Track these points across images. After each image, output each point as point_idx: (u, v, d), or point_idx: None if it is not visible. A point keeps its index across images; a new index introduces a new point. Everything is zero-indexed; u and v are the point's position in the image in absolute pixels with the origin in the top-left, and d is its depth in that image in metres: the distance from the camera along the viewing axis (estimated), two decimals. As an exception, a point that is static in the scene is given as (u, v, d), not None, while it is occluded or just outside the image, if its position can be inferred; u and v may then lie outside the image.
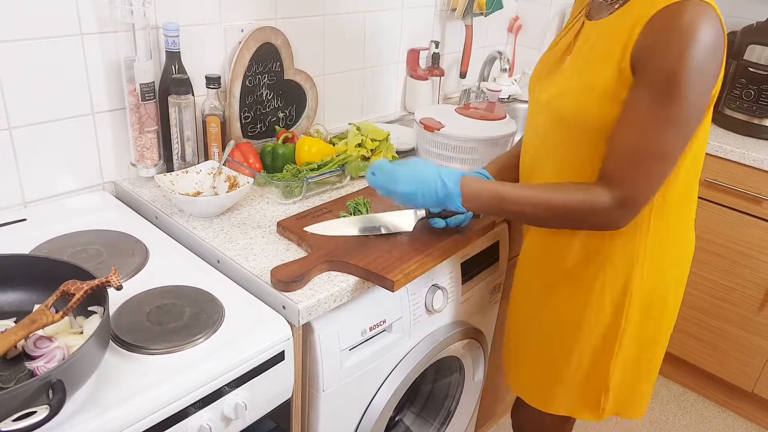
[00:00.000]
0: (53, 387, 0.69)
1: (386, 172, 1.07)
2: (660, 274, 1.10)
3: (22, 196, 1.24)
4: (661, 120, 0.92)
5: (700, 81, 0.90)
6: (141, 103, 1.28)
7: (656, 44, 0.91)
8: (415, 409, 1.61)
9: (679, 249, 1.13)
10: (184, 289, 1.03)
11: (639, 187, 0.97)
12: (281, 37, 1.50)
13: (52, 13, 1.17)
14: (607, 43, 0.98)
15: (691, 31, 0.88)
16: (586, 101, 1.00)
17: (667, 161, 0.96)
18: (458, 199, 1.04)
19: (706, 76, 0.91)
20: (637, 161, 0.96)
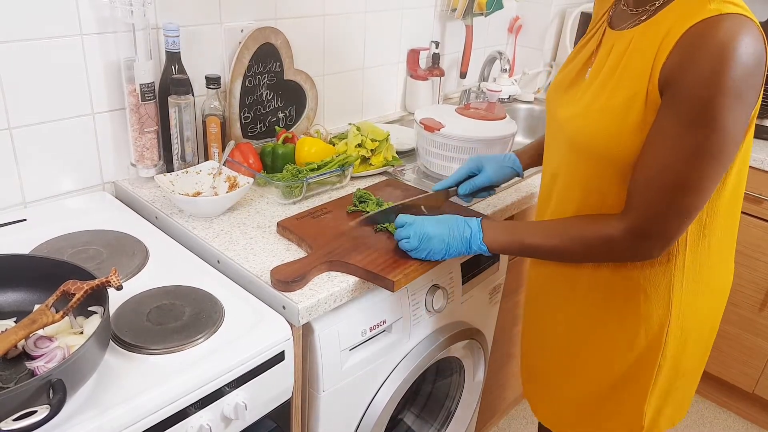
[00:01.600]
0: (53, 386, 0.69)
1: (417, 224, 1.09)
2: (699, 306, 1.02)
3: (22, 197, 1.24)
4: (692, 148, 0.84)
5: (738, 106, 0.81)
6: (141, 104, 1.28)
7: (688, 64, 0.81)
8: (416, 409, 1.61)
9: (719, 277, 1.04)
10: (184, 289, 1.03)
11: (658, 219, 0.90)
12: (281, 37, 1.50)
13: (52, 13, 1.17)
14: (632, 60, 0.89)
15: (727, 50, 0.79)
16: (607, 125, 0.92)
17: (697, 193, 0.87)
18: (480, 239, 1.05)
19: (744, 99, 0.81)
20: (662, 192, 0.88)
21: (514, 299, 1.69)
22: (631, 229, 0.92)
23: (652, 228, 0.91)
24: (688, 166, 0.85)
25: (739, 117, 0.82)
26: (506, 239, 1.05)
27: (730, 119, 0.81)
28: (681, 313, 1.01)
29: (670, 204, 0.88)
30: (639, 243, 0.93)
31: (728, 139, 0.83)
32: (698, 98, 0.81)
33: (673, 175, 0.86)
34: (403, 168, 1.56)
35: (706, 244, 0.98)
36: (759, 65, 0.80)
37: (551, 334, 1.17)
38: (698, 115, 0.82)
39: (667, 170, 0.86)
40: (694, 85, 0.81)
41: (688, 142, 0.84)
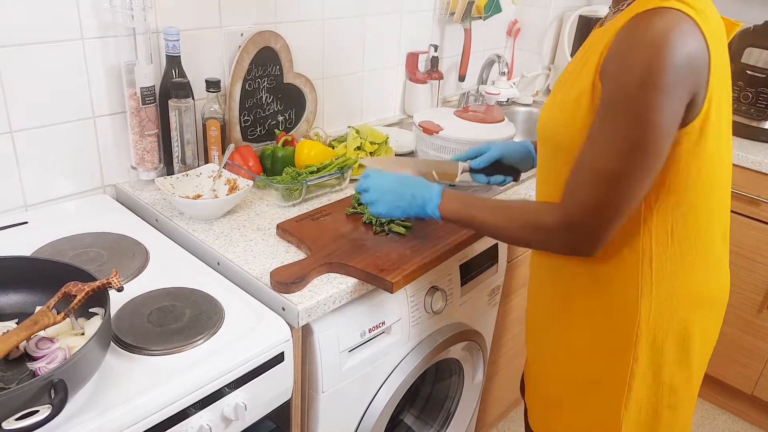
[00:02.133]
0: (55, 387, 0.70)
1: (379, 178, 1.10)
2: (677, 313, 0.98)
3: (23, 200, 1.25)
4: (616, 141, 0.84)
5: (665, 101, 0.80)
6: (141, 107, 1.29)
7: (619, 56, 0.82)
8: (415, 410, 1.61)
9: (704, 288, 0.99)
10: (185, 291, 1.04)
11: (586, 211, 0.89)
12: (281, 41, 1.51)
13: (53, 17, 1.18)
14: (590, 54, 0.90)
15: (657, 44, 0.79)
16: (563, 117, 0.93)
17: (623, 186, 0.86)
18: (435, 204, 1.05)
19: (671, 95, 0.80)
20: (585, 182, 0.88)
21: (513, 301, 1.70)
22: (562, 219, 0.91)
23: (580, 220, 0.90)
24: (613, 159, 0.85)
25: (667, 112, 0.82)
26: (457, 209, 1.04)
27: (656, 114, 0.81)
28: (653, 319, 0.98)
29: (597, 196, 0.88)
30: (570, 235, 0.92)
31: (654, 134, 0.83)
32: (624, 91, 0.82)
33: (600, 167, 0.86)
34: (402, 170, 1.56)
35: (676, 251, 0.95)
36: (690, 61, 0.80)
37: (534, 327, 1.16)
38: (624, 108, 0.82)
39: (594, 162, 0.87)
40: (621, 77, 0.82)
41: (614, 135, 0.84)
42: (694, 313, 1.00)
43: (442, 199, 1.05)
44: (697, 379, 1.07)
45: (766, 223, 1.91)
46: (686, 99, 0.83)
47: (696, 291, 0.99)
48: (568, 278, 1.04)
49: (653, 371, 1.00)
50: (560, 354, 1.09)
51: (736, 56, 2.04)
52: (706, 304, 1.01)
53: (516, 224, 0.98)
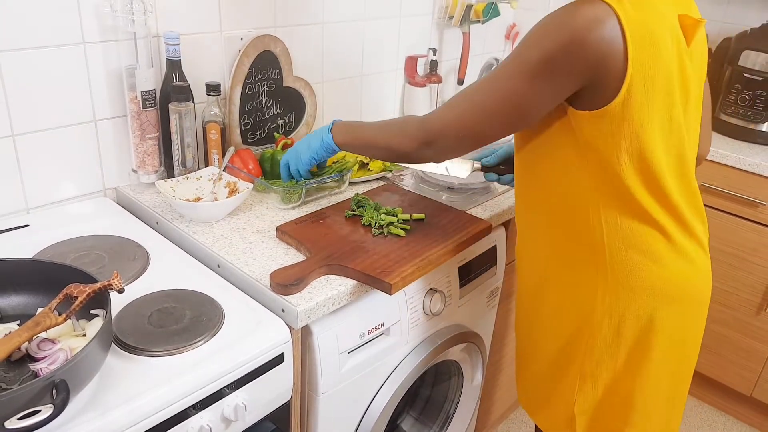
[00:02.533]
0: (57, 387, 0.71)
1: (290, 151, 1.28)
2: (633, 300, 1.02)
3: (25, 203, 1.26)
4: (491, 85, 0.95)
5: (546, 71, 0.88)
6: (142, 111, 1.30)
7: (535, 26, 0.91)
8: (415, 412, 1.62)
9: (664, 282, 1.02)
10: (185, 293, 1.04)
11: (439, 127, 1.00)
12: (280, 45, 1.52)
13: (55, 22, 1.19)
14: None
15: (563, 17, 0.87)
16: None
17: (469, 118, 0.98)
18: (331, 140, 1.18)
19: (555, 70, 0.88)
20: (456, 105, 1.00)
21: (512, 303, 1.71)
22: (422, 123, 1.03)
23: (433, 129, 1.01)
24: (477, 93, 0.97)
25: (543, 84, 0.90)
26: (349, 139, 1.17)
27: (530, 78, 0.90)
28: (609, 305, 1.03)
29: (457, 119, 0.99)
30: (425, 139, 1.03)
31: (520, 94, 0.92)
32: (519, 46, 0.92)
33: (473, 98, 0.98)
34: (401, 173, 1.57)
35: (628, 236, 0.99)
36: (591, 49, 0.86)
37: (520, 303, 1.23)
38: (511, 58, 0.93)
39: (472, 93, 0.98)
40: (523, 40, 0.92)
41: (493, 81, 0.95)
42: (656, 303, 1.03)
43: (334, 135, 1.18)
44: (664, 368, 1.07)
45: (763, 225, 1.92)
46: (576, 83, 0.89)
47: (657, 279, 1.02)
48: (544, 261, 1.11)
49: (610, 353, 1.06)
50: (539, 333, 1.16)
51: (734, 59, 2.05)
52: (671, 297, 1.04)
53: (386, 133, 1.09)
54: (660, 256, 1.01)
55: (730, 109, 2.07)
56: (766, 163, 1.86)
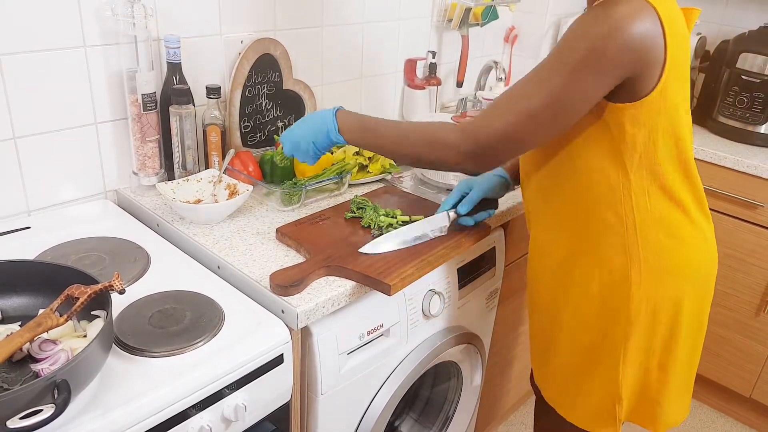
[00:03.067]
0: (58, 387, 0.71)
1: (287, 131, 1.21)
2: (665, 283, 1.07)
3: (26, 205, 1.27)
4: (537, 85, 0.94)
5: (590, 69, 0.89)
6: (143, 113, 1.30)
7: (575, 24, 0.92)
8: (414, 414, 1.62)
9: (689, 262, 1.09)
10: (185, 294, 1.05)
11: (494, 137, 0.98)
12: (280, 48, 1.53)
13: (56, 25, 1.20)
14: None
15: (609, 22, 0.88)
16: None
17: (530, 125, 0.95)
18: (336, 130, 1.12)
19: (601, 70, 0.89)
20: (503, 111, 0.97)
21: (511, 304, 1.71)
22: (468, 139, 0.99)
23: (486, 143, 0.98)
24: (533, 101, 0.94)
25: (590, 81, 0.91)
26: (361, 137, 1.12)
27: (576, 75, 0.90)
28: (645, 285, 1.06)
29: (507, 126, 0.96)
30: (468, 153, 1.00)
31: (567, 92, 0.92)
32: (562, 44, 0.92)
33: (519, 103, 0.95)
34: (400, 175, 1.58)
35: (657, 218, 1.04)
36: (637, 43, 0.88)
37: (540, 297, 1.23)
38: (554, 57, 0.93)
39: (516, 97, 0.96)
40: (566, 38, 0.92)
41: (540, 82, 0.94)
42: (688, 286, 1.09)
43: (339, 125, 1.12)
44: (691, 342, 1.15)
45: (762, 227, 1.93)
46: (621, 75, 0.91)
47: (684, 260, 1.08)
48: (565, 250, 1.12)
49: (647, 337, 1.10)
50: (565, 323, 1.16)
51: (731, 61, 2.06)
52: (694, 275, 1.10)
53: (416, 140, 1.05)
54: (685, 237, 1.07)
55: (729, 111, 2.08)
56: (764, 165, 1.87)
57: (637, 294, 1.07)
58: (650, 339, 1.11)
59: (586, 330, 1.14)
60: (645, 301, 1.07)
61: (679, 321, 1.11)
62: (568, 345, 1.18)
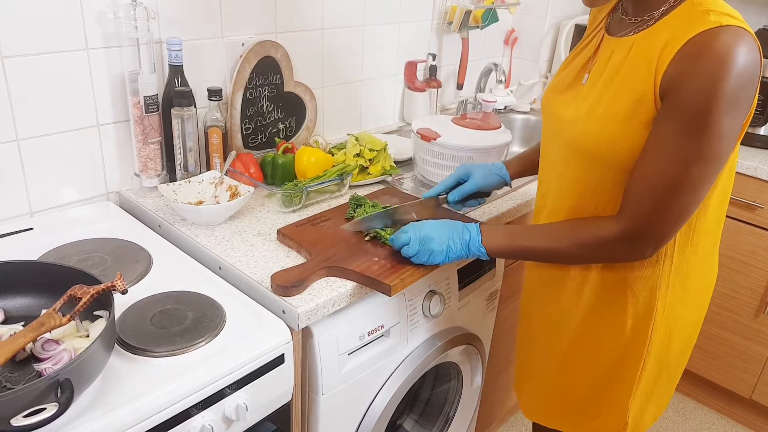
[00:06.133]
0: (62, 385, 0.72)
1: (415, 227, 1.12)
2: (684, 302, 1.06)
3: (28, 206, 1.28)
4: (688, 153, 0.88)
5: (733, 114, 0.85)
6: (145, 115, 1.31)
7: (689, 73, 0.85)
8: (415, 415, 1.63)
9: (705, 275, 1.09)
10: (187, 295, 1.06)
11: (651, 220, 0.93)
12: (281, 50, 1.54)
13: (59, 28, 1.21)
14: (634, 66, 0.93)
15: (726, 61, 0.83)
16: (611, 129, 0.95)
17: (690, 195, 0.91)
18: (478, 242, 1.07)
19: (739, 107, 0.85)
20: (657, 194, 0.91)
21: (511, 306, 1.72)
22: (626, 230, 0.95)
23: (645, 229, 0.94)
24: (683, 170, 0.89)
25: (734, 124, 0.87)
26: (504, 243, 1.08)
27: (725, 126, 0.86)
28: (666, 312, 1.05)
29: (665, 206, 0.92)
30: (632, 244, 0.96)
31: (722, 145, 0.88)
32: (696, 106, 0.85)
33: (669, 178, 0.90)
34: (400, 177, 1.59)
35: (693, 246, 1.02)
36: (753, 75, 0.85)
37: (542, 330, 1.20)
38: (696, 121, 0.86)
39: (663, 174, 0.90)
40: (693, 93, 0.85)
41: (684, 147, 0.88)
42: (697, 301, 1.09)
43: (482, 236, 1.08)
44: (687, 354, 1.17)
45: (762, 228, 1.93)
46: (747, 111, 0.88)
47: (700, 282, 1.08)
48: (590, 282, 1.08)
49: (658, 359, 1.08)
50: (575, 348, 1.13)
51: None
52: (705, 291, 1.11)
53: (573, 245, 1.01)
54: (711, 255, 1.08)
55: (728, 113, 2.08)
56: (763, 167, 1.88)
57: (661, 314, 1.04)
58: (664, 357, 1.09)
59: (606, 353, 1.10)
60: (666, 321, 1.05)
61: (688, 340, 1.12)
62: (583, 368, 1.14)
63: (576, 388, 1.16)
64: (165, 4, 1.34)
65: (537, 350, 1.23)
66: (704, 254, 1.05)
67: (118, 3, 1.25)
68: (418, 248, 1.10)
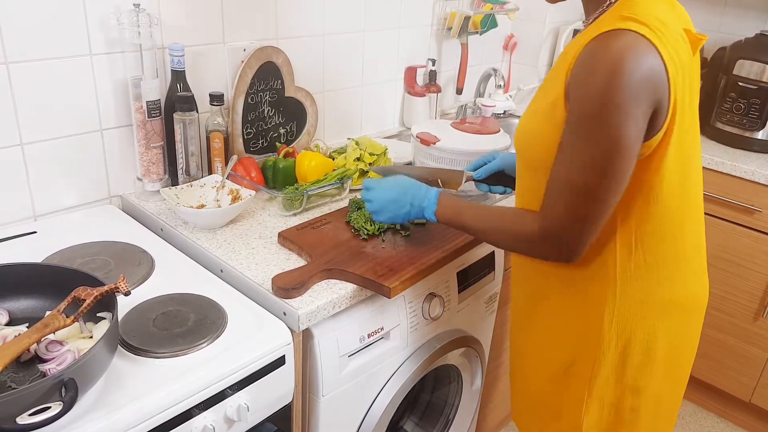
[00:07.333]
0: (66, 385, 0.73)
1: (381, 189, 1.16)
2: (643, 320, 1.01)
3: (32, 210, 1.29)
4: (583, 158, 0.87)
5: (627, 121, 0.84)
6: (147, 120, 1.33)
7: (581, 78, 0.86)
8: (415, 417, 1.63)
9: (675, 298, 1.03)
10: (189, 297, 1.07)
11: (563, 222, 0.93)
12: (282, 56, 1.55)
13: (63, 34, 1.22)
14: (558, 68, 0.94)
15: (614, 65, 0.82)
16: (534, 127, 0.97)
17: (592, 200, 0.90)
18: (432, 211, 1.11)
19: (632, 114, 0.84)
20: (561, 195, 0.92)
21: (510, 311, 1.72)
22: (541, 228, 0.95)
23: (558, 230, 0.94)
24: (581, 176, 0.89)
25: (628, 129, 0.84)
26: (451, 216, 1.10)
27: (617, 133, 0.84)
28: (617, 324, 1.01)
29: (572, 210, 0.91)
30: (549, 244, 0.96)
31: (618, 153, 0.86)
32: (585, 111, 0.86)
33: (572, 182, 0.90)
34: (400, 181, 1.60)
35: (640, 258, 0.98)
36: (648, 81, 0.83)
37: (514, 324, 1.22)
38: (585, 128, 0.86)
39: (566, 178, 0.90)
40: (583, 99, 0.86)
41: (579, 153, 0.88)
42: (661, 321, 1.03)
43: (438, 205, 1.11)
44: (667, 381, 1.09)
45: (759, 232, 1.94)
46: (648, 114, 0.86)
47: (664, 300, 1.02)
48: (542, 278, 1.09)
49: (616, 372, 1.04)
50: (536, 348, 1.15)
51: (728, 68, 2.08)
52: (675, 312, 1.04)
53: (504, 235, 1.03)
54: (670, 279, 1.02)
55: (726, 117, 2.10)
56: (761, 171, 1.89)
57: (609, 327, 1.02)
58: (621, 378, 1.05)
59: (557, 359, 1.10)
60: (616, 336, 1.02)
61: (654, 359, 1.04)
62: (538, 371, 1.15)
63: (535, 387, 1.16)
64: (168, 11, 1.36)
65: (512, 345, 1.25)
66: (662, 272, 1.00)
67: (122, 9, 1.27)
68: (378, 208, 1.16)
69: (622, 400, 1.07)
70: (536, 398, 1.17)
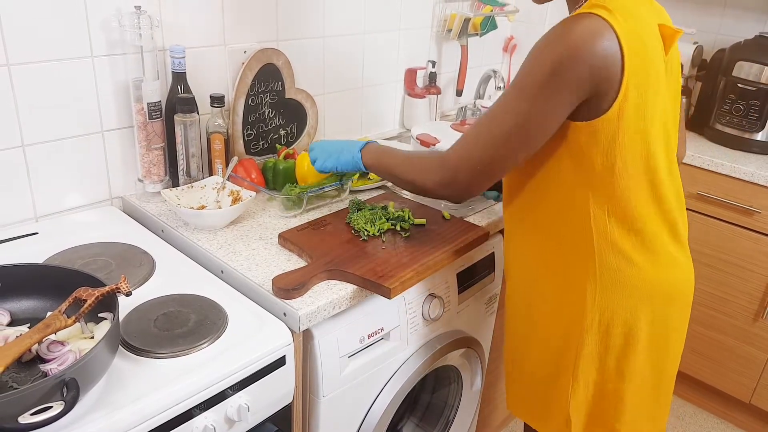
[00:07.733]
0: (67, 385, 0.74)
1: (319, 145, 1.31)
2: (620, 299, 1.05)
3: (33, 211, 1.29)
4: (503, 104, 0.96)
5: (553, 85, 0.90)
6: (148, 122, 1.33)
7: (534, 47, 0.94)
8: (415, 418, 1.63)
9: (649, 281, 1.06)
10: (189, 298, 1.07)
11: (459, 163, 1.01)
12: (282, 58, 1.56)
13: (64, 36, 1.23)
14: None
15: (561, 33, 0.90)
16: None
17: (494, 147, 0.97)
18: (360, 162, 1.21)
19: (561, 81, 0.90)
20: (473, 139, 1.00)
21: (511, 310, 1.73)
22: (441, 159, 1.04)
23: (454, 166, 1.02)
24: (488, 120, 0.98)
25: (554, 98, 0.91)
26: (374, 162, 1.20)
27: (540, 93, 0.91)
28: (599, 304, 1.05)
29: (476, 152, 0.99)
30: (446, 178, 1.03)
31: (533, 110, 0.93)
32: (523, 68, 0.94)
33: (487, 129, 0.98)
34: (400, 182, 1.60)
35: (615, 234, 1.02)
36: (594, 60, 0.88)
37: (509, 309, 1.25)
38: (517, 79, 0.94)
39: (486, 124, 0.98)
40: (524, 64, 0.94)
41: (501, 100, 0.97)
42: (642, 303, 1.07)
43: (364, 157, 1.21)
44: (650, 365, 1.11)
45: (759, 233, 1.94)
46: (582, 94, 0.92)
47: (644, 282, 1.06)
48: (532, 259, 1.13)
49: (599, 353, 1.09)
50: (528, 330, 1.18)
51: (727, 70, 2.09)
52: (658, 298, 1.08)
53: (409, 165, 1.11)
54: (647, 261, 1.05)
55: (725, 118, 2.10)
56: (760, 172, 1.89)
57: (591, 310, 1.06)
58: (603, 360, 1.09)
59: (546, 343, 1.14)
60: (597, 318, 1.06)
61: (636, 345, 1.08)
62: (531, 358, 1.19)
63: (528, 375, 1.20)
64: (168, 13, 1.36)
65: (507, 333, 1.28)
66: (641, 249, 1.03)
67: (123, 11, 1.28)
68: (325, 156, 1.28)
69: (606, 383, 1.11)
70: (529, 381, 1.21)
